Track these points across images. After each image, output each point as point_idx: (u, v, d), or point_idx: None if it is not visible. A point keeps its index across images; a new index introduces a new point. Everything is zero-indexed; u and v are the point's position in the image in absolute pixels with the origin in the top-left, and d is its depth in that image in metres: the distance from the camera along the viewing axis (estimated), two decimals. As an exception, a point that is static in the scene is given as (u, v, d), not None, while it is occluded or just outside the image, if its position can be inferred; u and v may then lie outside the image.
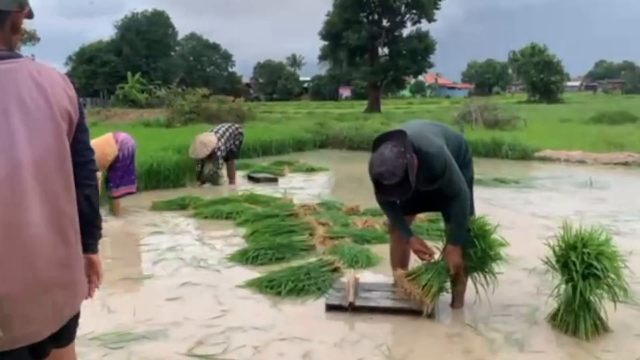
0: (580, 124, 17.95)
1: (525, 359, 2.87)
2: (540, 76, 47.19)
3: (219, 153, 8.26)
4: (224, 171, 8.78)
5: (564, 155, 11.44)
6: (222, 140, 8.35)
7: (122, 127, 15.59)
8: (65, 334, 1.64)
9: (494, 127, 15.49)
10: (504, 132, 14.29)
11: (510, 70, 72.88)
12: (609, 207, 6.70)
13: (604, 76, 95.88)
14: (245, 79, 79.62)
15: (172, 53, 64.76)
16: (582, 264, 3.02)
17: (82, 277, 1.65)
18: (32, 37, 53.54)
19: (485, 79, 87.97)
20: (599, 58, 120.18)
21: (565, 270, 3.12)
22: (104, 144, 6.34)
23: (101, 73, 58.06)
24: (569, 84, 69.22)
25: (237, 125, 8.99)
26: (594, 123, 17.97)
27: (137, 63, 56.83)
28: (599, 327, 3.10)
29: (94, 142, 6.34)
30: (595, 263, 2.99)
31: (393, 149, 3.05)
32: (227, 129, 8.61)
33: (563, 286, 3.17)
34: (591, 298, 3.09)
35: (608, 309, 3.14)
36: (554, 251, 3.23)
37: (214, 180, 8.51)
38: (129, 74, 46.14)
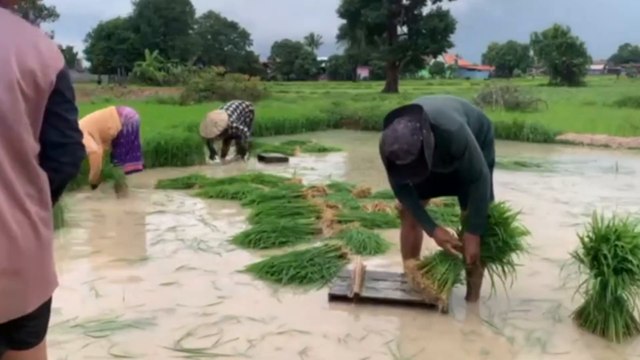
0: (604, 107, 17.36)
1: (547, 361, 2.58)
2: (562, 58, 46.00)
3: (236, 124, 8.03)
4: (232, 149, 8.57)
5: (587, 139, 10.98)
6: (234, 116, 8.13)
7: (136, 104, 15.40)
8: (22, 336, 1.40)
9: (515, 109, 15.01)
10: (525, 114, 13.82)
11: (531, 53, 71.32)
12: (636, 194, 6.31)
13: (628, 60, 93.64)
14: (263, 59, 79.26)
15: (190, 31, 64.57)
16: (614, 258, 2.71)
17: (40, 269, 1.38)
18: (52, 14, 53.67)
19: (505, 61, 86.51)
20: (623, 41, 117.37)
21: (595, 264, 2.81)
22: (107, 117, 6.12)
23: (119, 50, 58.09)
24: (592, 67, 67.58)
25: (247, 103, 8.74)
26: (618, 106, 17.35)
27: (154, 41, 56.81)
28: (631, 328, 2.79)
29: (96, 114, 6.19)
30: (630, 257, 2.67)
31: (408, 125, 2.72)
32: (237, 106, 8.38)
33: (591, 281, 2.85)
34: (623, 295, 2.78)
35: (640, 307, 2.83)
36: (583, 243, 2.91)
37: (244, 151, 8.53)
38: (146, 51, 46.07)
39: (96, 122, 6.06)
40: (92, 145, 5.75)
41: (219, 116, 8.01)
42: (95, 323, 2.91)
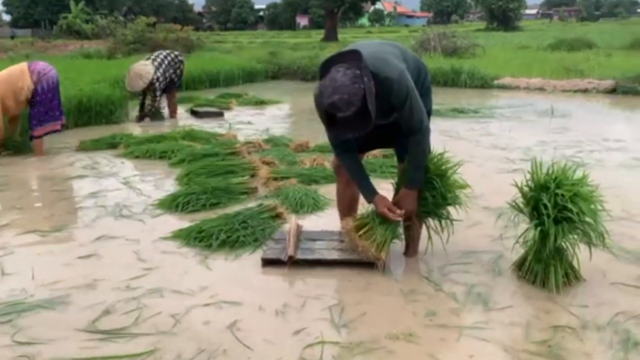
0: (539, 51, 17.58)
1: (493, 317, 2.46)
2: (498, 3, 46.37)
3: (157, 84, 7.48)
4: (164, 104, 8.05)
5: (523, 83, 11.08)
6: (161, 69, 7.55)
7: (59, 59, 14.39)
8: None
9: (453, 55, 14.97)
10: (463, 60, 13.79)
11: (469, -2, 71.67)
12: (571, 137, 6.37)
13: (559, 4, 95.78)
14: (198, 8, 76.28)
15: (117, -21, 60.83)
16: (554, 207, 2.61)
17: None
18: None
19: (443, 7, 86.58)
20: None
21: (535, 214, 2.71)
22: (17, 75, 5.56)
23: (41, 1, 54.23)
24: (526, 11, 68.73)
25: (176, 53, 8.14)
26: (552, 50, 17.62)
27: (80, -10, 53.26)
28: (571, 277, 2.73)
29: (3, 73, 5.61)
30: (570, 206, 2.57)
31: (347, 72, 2.45)
32: (165, 57, 7.79)
33: (531, 231, 2.75)
34: (563, 245, 2.71)
35: (580, 256, 2.76)
36: (522, 192, 2.80)
37: (153, 115, 7.80)
38: (71, 2, 43.11)
39: (5, 83, 5.50)
40: None
41: (144, 68, 7.45)
42: (-1, 306, 2.61)
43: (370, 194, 2.89)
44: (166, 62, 7.70)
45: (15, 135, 5.88)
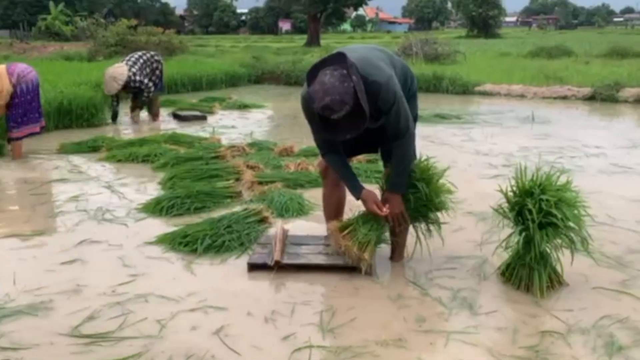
0: (519, 58, 17.82)
1: (480, 322, 2.47)
2: (479, 10, 46.97)
3: (135, 78, 7.39)
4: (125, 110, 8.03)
5: (504, 90, 11.20)
6: (136, 67, 7.46)
7: (38, 62, 14.18)
8: None
9: (434, 62, 15.09)
10: (444, 66, 13.91)
11: (449, 5, 72.48)
12: (552, 143, 6.45)
13: (538, 12, 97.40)
14: (179, 11, 75.97)
15: (98, -19, 60.22)
16: (539, 213, 2.64)
17: None
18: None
19: (425, 14, 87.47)
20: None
21: (520, 219, 2.74)
22: None
23: (20, 2, 53.51)
24: (506, 19, 69.77)
25: (152, 53, 8.04)
26: (532, 57, 17.88)
27: (59, -9, 52.62)
28: (554, 281, 2.76)
29: None
30: (554, 211, 2.60)
31: (334, 74, 2.46)
32: (140, 57, 7.70)
33: (515, 236, 2.78)
34: (547, 250, 2.74)
35: (562, 260, 2.79)
36: (507, 198, 2.83)
37: (141, 107, 7.86)
38: (51, 3, 42.57)
39: None
40: None
41: (118, 70, 7.39)
42: (-21, 312, 2.55)
43: (358, 189, 2.90)
44: (141, 60, 7.63)
45: None
